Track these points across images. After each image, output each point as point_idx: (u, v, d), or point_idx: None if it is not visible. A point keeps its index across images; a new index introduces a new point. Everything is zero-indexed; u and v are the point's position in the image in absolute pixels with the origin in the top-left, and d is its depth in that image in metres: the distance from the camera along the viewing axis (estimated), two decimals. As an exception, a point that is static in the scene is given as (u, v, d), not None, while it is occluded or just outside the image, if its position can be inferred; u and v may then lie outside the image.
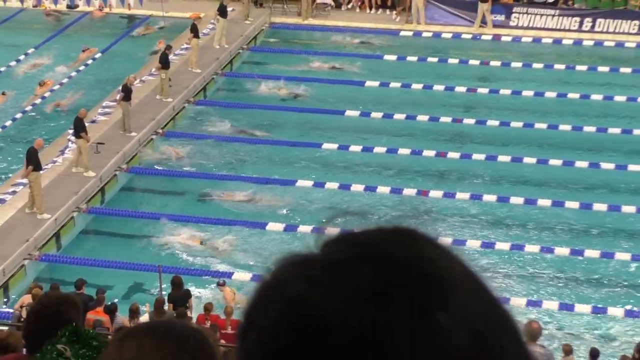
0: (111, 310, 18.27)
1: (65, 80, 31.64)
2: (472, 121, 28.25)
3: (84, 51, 33.35)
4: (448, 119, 28.31)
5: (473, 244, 21.92)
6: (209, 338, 2.16)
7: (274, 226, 23.39)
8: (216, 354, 2.15)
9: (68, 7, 37.13)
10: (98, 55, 33.22)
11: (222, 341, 17.84)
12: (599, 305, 20.34)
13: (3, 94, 30.52)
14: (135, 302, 18.98)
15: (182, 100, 29.30)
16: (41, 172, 23.19)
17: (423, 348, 1.20)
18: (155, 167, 26.37)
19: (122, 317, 18.12)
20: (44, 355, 4.17)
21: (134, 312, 17.94)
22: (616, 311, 20.18)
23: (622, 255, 21.95)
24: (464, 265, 1.28)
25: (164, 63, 28.79)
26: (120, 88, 27.35)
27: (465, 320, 1.22)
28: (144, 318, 17.77)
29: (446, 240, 1.30)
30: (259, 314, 1.26)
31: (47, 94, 30.52)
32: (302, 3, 35.43)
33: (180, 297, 18.86)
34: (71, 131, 25.69)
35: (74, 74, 31.83)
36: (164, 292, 19.42)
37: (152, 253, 22.70)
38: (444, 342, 1.20)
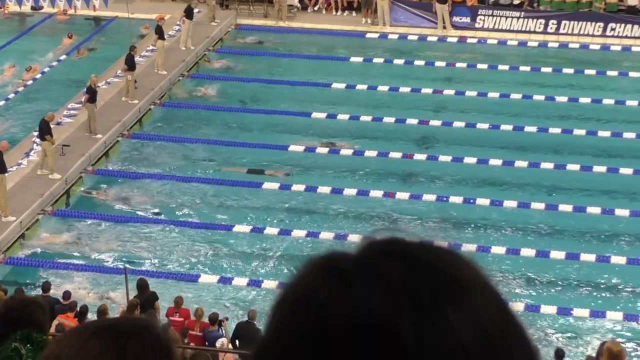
0: (82, 313, 18.17)
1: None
2: (438, 123, 28.35)
3: (69, 37, 33.55)
4: (414, 121, 28.38)
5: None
6: (163, 335, 2.11)
7: (241, 228, 23.36)
8: (171, 351, 2.10)
9: (32, 8, 36.90)
10: (63, 57, 33.05)
11: (192, 344, 17.81)
12: (565, 306, 20.45)
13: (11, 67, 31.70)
14: (103, 303, 18.86)
15: (148, 102, 29.20)
16: (6, 174, 23.03)
17: (430, 343, 1.23)
18: (119, 168, 26.30)
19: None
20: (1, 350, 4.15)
21: (102, 313, 17.84)
22: (581, 312, 20.29)
23: (587, 257, 22.09)
24: (482, 275, 1.33)
25: (130, 65, 28.69)
26: (85, 90, 27.22)
27: (476, 322, 1.26)
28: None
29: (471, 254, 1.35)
30: (275, 313, 1.31)
31: (38, 76, 31.41)
32: (276, 5, 35.36)
33: (147, 300, 18.77)
34: (36, 133, 25.56)
35: (39, 75, 31.68)
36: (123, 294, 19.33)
37: (119, 255, 22.61)
38: (452, 339, 1.23)
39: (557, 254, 22.13)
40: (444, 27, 34.62)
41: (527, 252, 22.24)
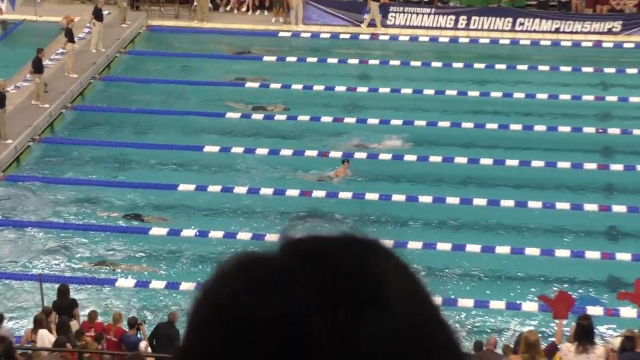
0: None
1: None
2: (352, 120, 28.47)
3: None
4: (329, 119, 28.46)
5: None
6: None
7: (158, 231, 23.18)
8: None
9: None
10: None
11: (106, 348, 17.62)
12: (482, 298, 20.66)
13: None
14: (39, 312, 18.45)
15: (59, 106, 28.83)
16: None
17: (347, 343, 1.20)
18: (31, 174, 25.92)
19: (7, 329, 17.66)
20: None
21: (38, 322, 17.52)
22: (498, 303, 20.53)
23: (502, 249, 22.35)
24: (409, 277, 1.29)
25: (37, 67, 28.29)
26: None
27: (396, 329, 1.22)
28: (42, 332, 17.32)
29: (396, 250, 1.30)
30: (193, 318, 1.28)
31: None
32: (197, 4, 35.15)
33: (65, 306, 18.55)
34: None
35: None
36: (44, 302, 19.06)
37: (33, 262, 22.27)
38: (369, 347, 1.20)
39: (473, 247, 22.37)
40: (373, 25, 34.68)
41: (443, 246, 22.42)
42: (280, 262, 1.26)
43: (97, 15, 32.13)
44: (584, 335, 13.29)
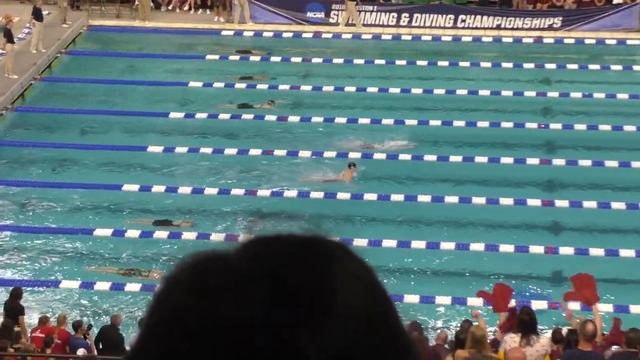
0: None
1: None
2: (297, 118, 28.46)
3: None
4: (273, 117, 28.42)
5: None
6: None
7: (102, 232, 22.99)
8: None
9: None
10: None
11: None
12: (427, 294, 20.74)
13: None
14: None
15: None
16: None
17: (292, 353, 1.17)
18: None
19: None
20: None
21: None
22: (444, 299, 20.62)
23: (447, 245, 22.43)
24: (367, 282, 1.26)
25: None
26: None
27: (348, 337, 1.19)
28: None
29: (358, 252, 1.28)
30: (147, 316, 1.26)
31: None
32: (140, 4, 34.93)
33: (11, 309, 18.36)
34: None
35: None
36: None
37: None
38: (317, 356, 1.17)
39: (417, 243, 22.43)
40: (350, 24, 34.69)
41: (388, 242, 22.46)
42: (237, 265, 1.23)
43: (37, 15, 31.82)
44: (527, 329, 13.40)
